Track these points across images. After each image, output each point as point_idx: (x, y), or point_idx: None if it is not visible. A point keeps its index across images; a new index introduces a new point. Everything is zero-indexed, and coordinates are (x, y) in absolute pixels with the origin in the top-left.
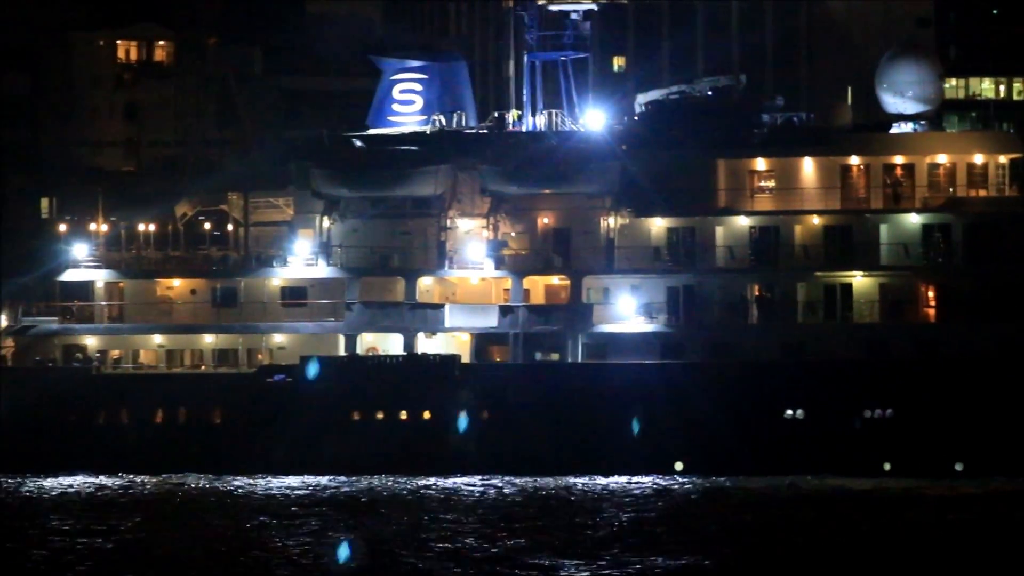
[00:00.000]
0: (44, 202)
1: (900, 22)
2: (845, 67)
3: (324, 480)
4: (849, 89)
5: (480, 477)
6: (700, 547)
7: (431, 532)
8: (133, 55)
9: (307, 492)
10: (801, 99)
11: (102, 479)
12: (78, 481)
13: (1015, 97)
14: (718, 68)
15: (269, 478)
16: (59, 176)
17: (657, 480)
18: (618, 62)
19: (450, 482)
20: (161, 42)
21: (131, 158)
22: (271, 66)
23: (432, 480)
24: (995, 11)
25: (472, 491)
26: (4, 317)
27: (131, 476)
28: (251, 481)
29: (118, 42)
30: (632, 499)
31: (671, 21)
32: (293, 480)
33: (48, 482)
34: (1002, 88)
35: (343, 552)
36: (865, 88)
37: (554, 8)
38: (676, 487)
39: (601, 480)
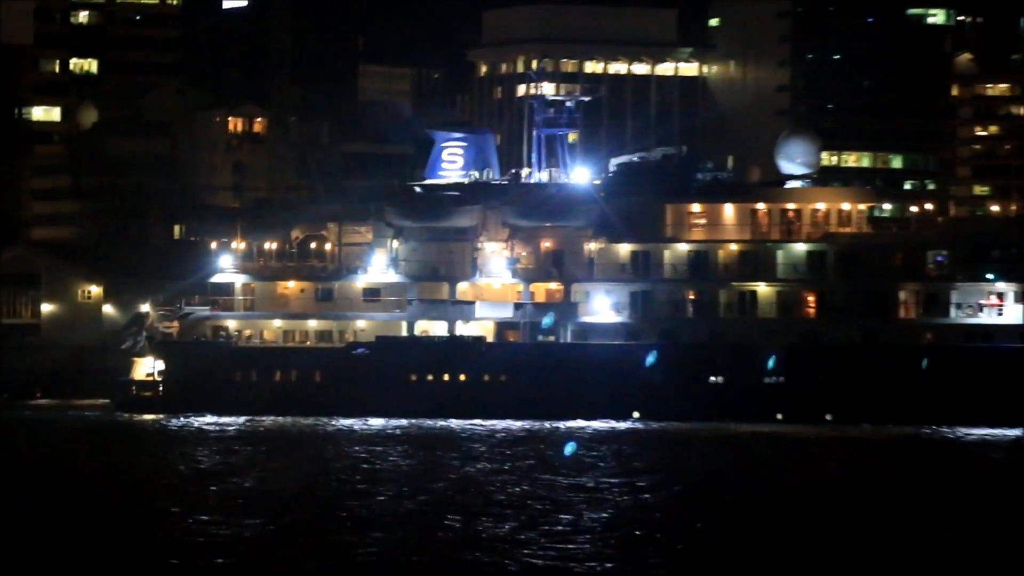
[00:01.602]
0: (176, 228)
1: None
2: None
3: (394, 421)
4: (731, 157)
5: (500, 421)
6: (650, 468)
7: (464, 451)
8: (239, 127)
9: (381, 430)
10: (723, 163)
11: (239, 419)
12: (221, 420)
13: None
14: (665, 141)
15: (354, 421)
16: (188, 210)
17: (622, 423)
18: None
19: (480, 422)
20: (258, 119)
21: (236, 199)
22: (334, 136)
23: (467, 422)
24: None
25: (493, 428)
26: (149, 307)
27: (258, 417)
28: (343, 422)
29: (229, 118)
30: (604, 435)
31: (632, 109)
32: (373, 421)
33: (201, 420)
34: (866, 159)
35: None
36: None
37: (554, 98)
38: (634, 429)
39: (582, 423)
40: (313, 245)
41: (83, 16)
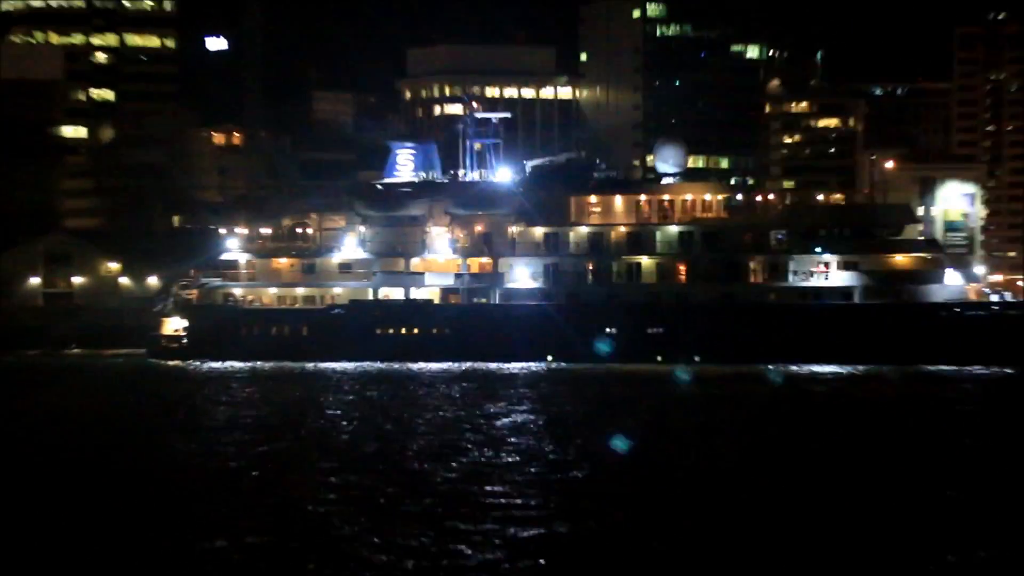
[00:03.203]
0: (175, 218)
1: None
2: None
3: (362, 365)
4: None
5: (444, 363)
6: (557, 397)
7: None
8: (222, 141)
9: (352, 371)
10: (612, 163)
11: (243, 364)
12: (230, 365)
13: (722, 166)
14: (568, 148)
15: (332, 364)
16: (183, 206)
17: (537, 365)
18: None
19: (429, 365)
20: (236, 134)
21: (220, 195)
22: (294, 146)
23: (420, 364)
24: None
25: (440, 369)
26: (156, 279)
27: (259, 363)
28: (323, 365)
29: (213, 133)
30: (525, 375)
31: (542, 123)
32: (347, 364)
33: (216, 364)
34: (700, 161)
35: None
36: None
37: (483, 116)
38: (547, 368)
39: (507, 365)
40: (299, 230)
41: (102, 57)
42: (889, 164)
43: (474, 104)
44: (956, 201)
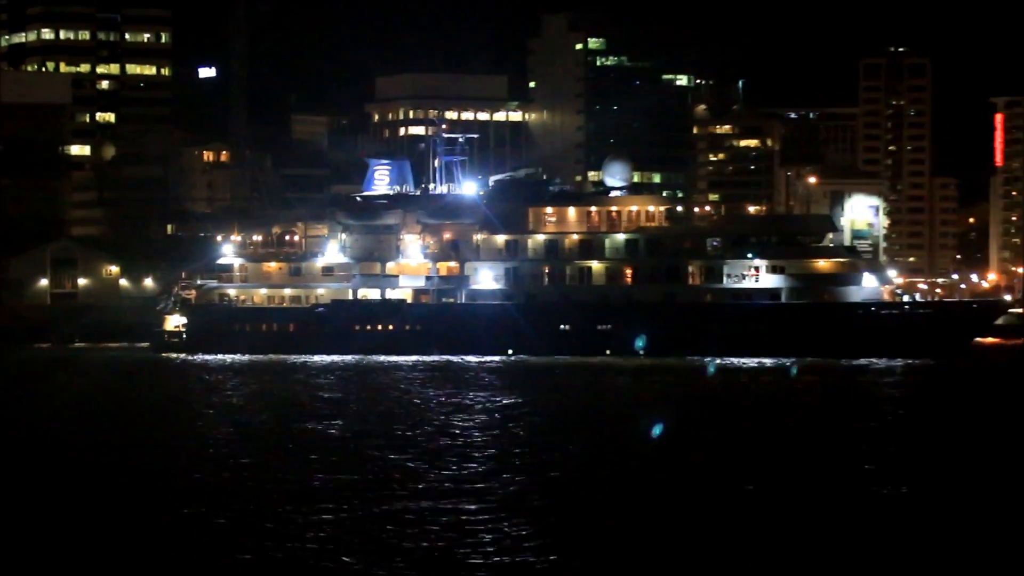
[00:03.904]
0: (168, 227)
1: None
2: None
3: (343, 358)
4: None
5: (415, 356)
6: (516, 384)
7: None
8: (211, 157)
9: (333, 363)
10: (568, 179)
11: (238, 357)
12: (226, 358)
13: (655, 180)
14: (526, 165)
15: (315, 356)
16: (176, 216)
17: (499, 358)
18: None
19: (402, 358)
20: (224, 151)
21: (209, 207)
22: (276, 163)
23: (394, 357)
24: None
25: (409, 363)
26: (152, 281)
27: (252, 356)
28: (308, 358)
29: (203, 151)
30: (490, 368)
31: (496, 143)
32: (329, 357)
33: (211, 357)
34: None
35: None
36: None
37: (451, 136)
38: (509, 361)
39: (471, 358)
40: (287, 237)
41: (105, 84)
42: (812, 179)
43: (443, 126)
44: (862, 212)
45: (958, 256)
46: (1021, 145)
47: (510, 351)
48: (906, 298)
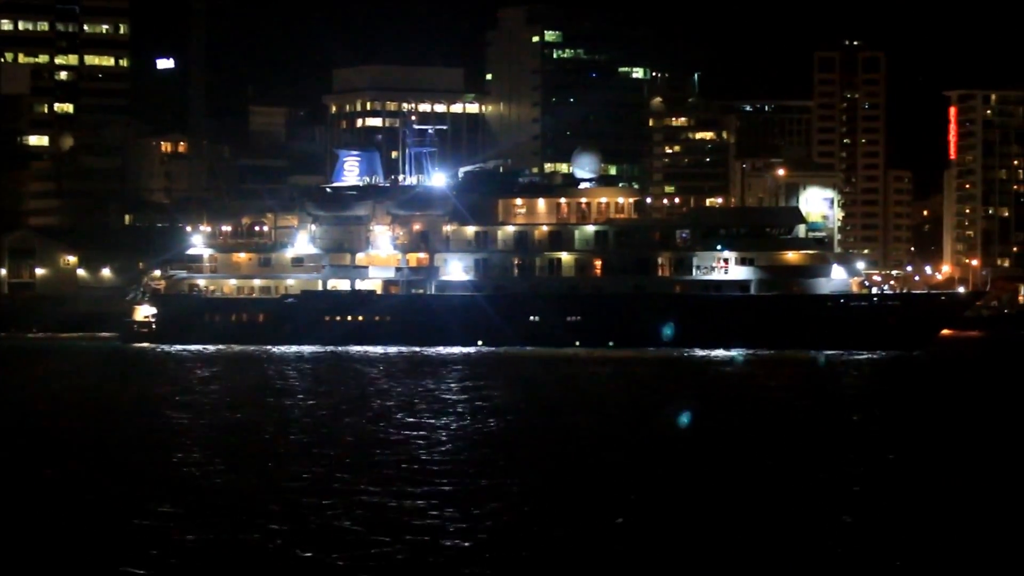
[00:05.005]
0: (127, 216)
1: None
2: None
3: (312, 348)
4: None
5: (385, 346)
6: (487, 372)
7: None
8: (168, 148)
9: (303, 354)
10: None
11: (206, 347)
12: (193, 348)
13: (611, 172)
14: (496, 156)
15: (284, 347)
16: (134, 206)
17: (468, 349)
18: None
19: (374, 348)
20: (181, 143)
21: (167, 197)
22: (233, 154)
23: (363, 348)
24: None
25: (382, 352)
26: (110, 271)
27: (220, 346)
28: (276, 348)
29: (161, 142)
30: (459, 357)
31: (468, 134)
32: (299, 348)
33: (178, 347)
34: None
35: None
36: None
37: (420, 128)
38: (479, 351)
39: (442, 349)
40: (257, 228)
41: (63, 75)
42: (781, 172)
43: (413, 117)
44: (817, 204)
45: (912, 248)
46: (974, 138)
47: (479, 342)
48: (875, 290)
